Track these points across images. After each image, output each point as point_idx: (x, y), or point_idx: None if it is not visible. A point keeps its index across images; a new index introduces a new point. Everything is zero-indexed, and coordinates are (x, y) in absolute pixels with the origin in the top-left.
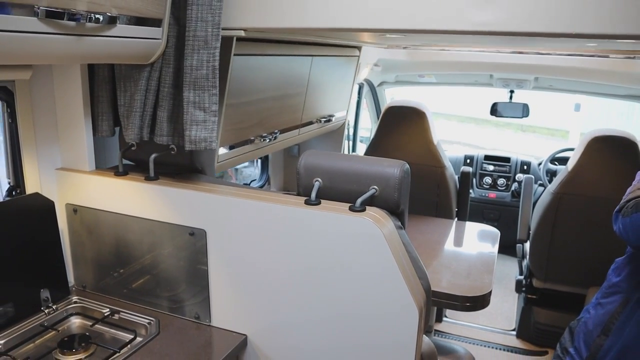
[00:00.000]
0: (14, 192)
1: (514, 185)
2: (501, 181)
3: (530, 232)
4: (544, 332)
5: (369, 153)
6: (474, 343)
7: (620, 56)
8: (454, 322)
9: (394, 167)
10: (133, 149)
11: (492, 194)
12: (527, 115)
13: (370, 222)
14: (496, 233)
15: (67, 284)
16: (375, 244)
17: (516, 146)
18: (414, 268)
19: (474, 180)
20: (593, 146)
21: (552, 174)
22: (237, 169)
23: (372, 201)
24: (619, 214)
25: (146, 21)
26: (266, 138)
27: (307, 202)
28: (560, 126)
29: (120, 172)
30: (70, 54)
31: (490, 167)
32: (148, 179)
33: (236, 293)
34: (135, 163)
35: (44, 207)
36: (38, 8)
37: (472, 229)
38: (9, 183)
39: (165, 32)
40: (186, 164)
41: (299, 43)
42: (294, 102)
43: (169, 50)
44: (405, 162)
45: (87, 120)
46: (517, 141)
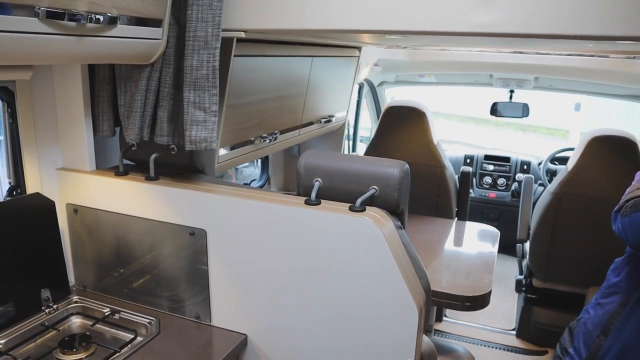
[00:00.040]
0: (14, 192)
1: (514, 185)
2: (501, 181)
3: (530, 231)
4: (544, 331)
5: (369, 153)
6: (473, 343)
7: (620, 56)
8: (454, 321)
9: (394, 167)
10: (133, 149)
11: (492, 194)
12: (527, 115)
13: (370, 222)
14: (496, 233)
15: (67, 284)
16: (375, 244)
17: (516, 146)
18: (413, 268)
19: (474, 180)
20: (593, 146)
21: (552, 174)
22: (237, 169)
23: (372, 201)
24: (618, 213)
25: (146, 21)
26: (266, 139)
27: (307, 202)
28: (560, 126)
29: (120, 172)
30: (70, 54)
31: (490, 167)
32: (148, 179)
33: (236, 293)
34: (135, 163)
35: (44, 207)
36: (39, 9)
37: (472, 228)
38: (10, 183)
39: (166, 33)
40: (186, 164)
41: (299, 44)
42: (294, 102)
43: (169, 50)
44: (405, 162)
45: (88, 120)
46: (517, 141)
